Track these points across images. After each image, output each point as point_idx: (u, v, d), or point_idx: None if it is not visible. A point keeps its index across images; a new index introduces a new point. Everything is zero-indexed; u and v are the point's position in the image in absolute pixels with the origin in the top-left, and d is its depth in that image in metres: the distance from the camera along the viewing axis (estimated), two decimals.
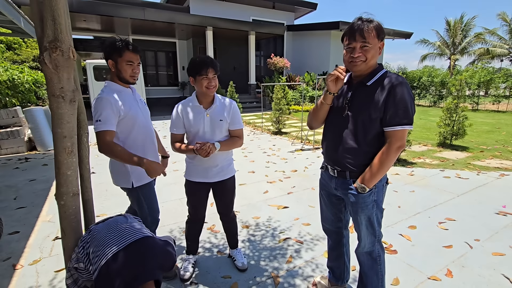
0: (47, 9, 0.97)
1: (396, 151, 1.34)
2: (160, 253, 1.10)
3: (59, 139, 1.09)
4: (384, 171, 1.39)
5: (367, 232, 1.52)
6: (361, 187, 1.40)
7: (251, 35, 13.02)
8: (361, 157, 1.42)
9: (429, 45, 25.63)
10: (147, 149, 1.83)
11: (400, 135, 1.33)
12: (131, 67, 1.64)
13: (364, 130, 1.39)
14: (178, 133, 1.85)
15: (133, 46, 1.64)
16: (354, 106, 1.42)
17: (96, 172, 4.39)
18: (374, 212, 1.48)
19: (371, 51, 1.32)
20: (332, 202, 1.68)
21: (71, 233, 1.19)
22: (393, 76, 1.36)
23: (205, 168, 1.88)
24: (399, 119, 1.31)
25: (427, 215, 2.99)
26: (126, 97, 1.72)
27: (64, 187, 1.13)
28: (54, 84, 1.04)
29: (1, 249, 2.38)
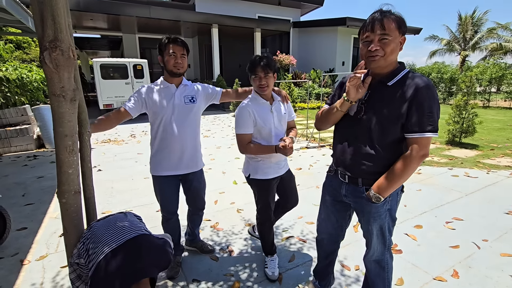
0: (47, 9, 0.98)
1: (419, 160, 1.21)
2: (156, 251, 1.10)
3: (60, 138, 1.10)
4: (403, 181, 1.26)
5: (378, 241, 1.44)
6: (376, 196, 1.28)
7: (257, 32, 12.96)
8: (376, 163, 1.30)
9: (438, 41, 25.12)
10: (167, 151, 1.86)
11: (425, 143, 1.20)
12: (173, 58, 1.73)
13: (383, 134, 1.26)
14: (249, 133, 1.81)
15: (175, 39, 1.74)
16: (372, 107, 1.29)
17: (102, 169, 4.45)
18: (387, 222, 1.39)
19: (391, 44, 1.18)
20: (336, 209, 1.57)
21: (72, 230, 1.20)
22: (418, 77, 1.22)
23: (277, 163, 1.91)
24: (425, 125, 1.19)
25: (434, 215, 2.94)
26: (162, 93, 1.81)
27: (66, 185, 1.14)
28: (54, 83, 1.04)
29: (9, 244, 2.43)
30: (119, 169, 4.44)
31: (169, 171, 1.90)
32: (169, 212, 2.01)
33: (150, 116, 1.86)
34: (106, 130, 1.72)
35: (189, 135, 1.89)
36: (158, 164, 1.89)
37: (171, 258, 1.16)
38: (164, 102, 1.80)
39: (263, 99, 1.83)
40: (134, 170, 4.41)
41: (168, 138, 1.84)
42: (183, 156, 1.89)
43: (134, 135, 7.08)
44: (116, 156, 5.23)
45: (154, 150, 1.91)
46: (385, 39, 1.18)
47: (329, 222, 1.63)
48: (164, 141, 1.85)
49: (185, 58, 1.79)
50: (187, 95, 1.88)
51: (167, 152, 1.86)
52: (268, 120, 1.81)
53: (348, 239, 2.46)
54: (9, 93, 5.91)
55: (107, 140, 6.50)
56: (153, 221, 2.83)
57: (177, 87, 1.86)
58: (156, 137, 1.88)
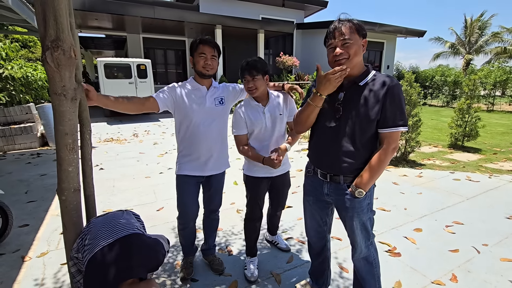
0: (49, 9, 1.00)
1: (392, 152, 1.34)
2: (146, 251, 1.09)
3: (60, 136, 1.11)
4: (381, 173, 1.37)
5: (362, 236, 1.49)
6: (359, 191, 1.36)
7: (260, 33, 12.98)
8: (357, 160, 1.39)
9: (443, 43, 24.99)
10: (193, 152, 1.82)
11: (396, 137, 1.33)
12: (203, 59, 1.69)
13: (361, 132, 1.35)
14: (242, 134, 1.86)
15: (206, 40, 1.70)
16: (349, 107, 1.36)
17: (104, 168, 4.48)
18: (368, 216, 1.47)
19: (353, 47, 1.29)
20: (319, 207, 1.63)
21: (72, 227, 1.22)
22: (387, 77, 1.33)
23: None
24: (397, 120, 1.30)
25: (434, 218, 2.92)
26: (192, 95, 1.78)
27: (66, 183, 1.16)
28: (56, 82, 1.06)
29: (11, 241, 2.46)
30: (121, 168, 4.48)
31: (193, 172, 1.86)
32: (188, 219, 1.94)
33: (178, 116, 1.81)
34: (125, 111, 1.54)
35: (217, 137, 1.86)
36: (184, 165, 1.86)
37: (161, 259, 1.14)
38: (195, 105, 1.76)
39: (255, 101, 1.85)
40: (135, 169, 4.44)
41: (196, 140, 1.80)
42: (210, 158, 1.86)
43: (136, 134, 7.13)
44: (118, 155, 5.26)
45: (181, 151, 1.87)
46: (347, 43, 1.29)
47: (314, 220, 1.69)
48: (192, 143, 1.81)
49: (216, 59, 1.74)
50: (217, 97, 1.84)
51: (195, 154, 1.83)
52: (258, 122, 1.82)
53: (347, 241, 2.46)
54: (14, 92, 5.97)
55: (109, 139, 6.55)
56: (154, 220, 2.85)
57: (207, 89, 1.82)
58: (183, 138, 1.84)
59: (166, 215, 2.97)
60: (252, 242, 2.09)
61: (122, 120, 9.04)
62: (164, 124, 8.49)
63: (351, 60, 1.31)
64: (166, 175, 4.17)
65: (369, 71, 1.38)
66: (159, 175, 4.18)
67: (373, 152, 1.38)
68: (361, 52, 1.34)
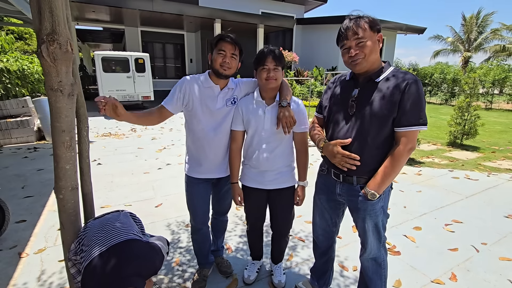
0: (45, 1, 0.95)
1: (408, 153, 1.26)
2: (140, 259, 1.05)
3: (57, 133, 1.08)
4: (396, 175, 1.32)
5: (374, 238, 1.46)
6: (372, 193, 1.31)
7: (260, 28, 12.86)
8: (370, 160, 1.32)
9: (442, 41, 24.91)
10: (201, 153, 1.72)
11: (413, 136, 1.25)
12: (221, 57, 1.55)
13: (375, 130, 1.29)
14: (237, 130, 1.69)
15: (227, 36, 1.56)
16: (363, 103, 1.31)
17: (102, 163, 4.44)
18: (381, 218, 1.42)
19: (368, 45, 1.25)
20: (330, 207, 1.59)
21: (70, 226, 1.19)
22: (405, 73, 1.27)
23: (259, 172, 1.69)
24: (415, 119, 1.23)
25: (433, 217, 2.93)
26: (204, 94, 1.63)
27: (63, 181, 1.13)
28: (52, 77, 1.02)
29: (8, 237, 2.43)
30: (119, 163, 4.44)
31: (204, 174, 1.75)
32: (199, 221, 1.85)
33: (186, 114, 1.70)
34: (148, 125, 1.52)
35: (227, 138, 1.73)
36: (192, 166, 1.76)
37: (157, 265, 1.10)
38: (203, 106, 1.63)
39: (260, 97, 1.63)
40: (134, 164, 4.40)
41: (205, 141, 1.69)
42: (220, 159, 1.75)
43: (135, 129, 7.07)
44: (117, 150, 5.22)
45: (190, 151, 1.78)
46: (361, 42, 1.25)
47: (324, 220, 1.65)
48: (201, 144, 1.70)
49: (236, 59, 1.59)
50: (229, 98, 1.69)
51: (204, 155, 1.72)
52: (255, 121, 1.63)
53: (347, 240, 2.46)
54: (10, 85, 5.88)
55: (107, 134, 6.49)
56: (152, 217, 2.83)
57: (221, 90, 1.66)
58: (192, 138, 1.73)
59: (165, 211, 2.95)
60: (256, 249, 2.02)
61: None
62: None
63: (367, 59, 1.27)
64: (165, 171, 4.14)
65: (387, 67, 1.32)
66: (157, 170, 4.15)
67: (387, 153, 1.31)
68: (377, 49, 1.29)
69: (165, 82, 14.31)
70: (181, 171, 4.06)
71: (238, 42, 1.59)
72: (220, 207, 1.98)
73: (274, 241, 1.94)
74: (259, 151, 1.64)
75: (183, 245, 2.39)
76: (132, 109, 6.86)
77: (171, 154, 4.99)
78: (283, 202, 1.76)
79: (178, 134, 6.55)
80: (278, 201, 1.76)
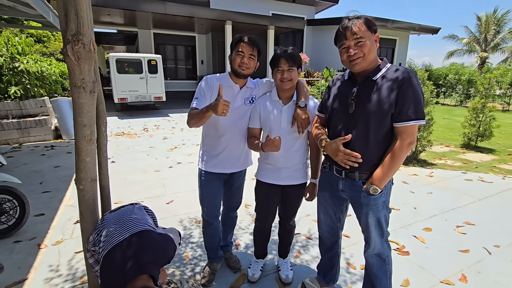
0: (71, 4, 1.03)
1: (407, 147, 1.30)
2: (157, 248, 1.11)
3: (79, 128, 1.15)
4: (396, 170, 1.35)
5: (377, 233, 1.49)
6: (373, 188, 1.35)
7: (270, 30, 12.90)
8: (372, 156, 1.36)
9: (457, 41, 24.32)
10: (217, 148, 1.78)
11: (412, 131, 1.29)
12: (240, 57, 1.61)
13: (375, 127, 1.33)
14: (255, 127, 1.75)
15: (247, 38, 1.62)
16: (362, 102, 1.35)
17: (115, 161, 4.57)
18: (383, 213, 1.45)
19: (367, 45, 1.29)
20: (334, 203, 1.62)
21: (89, 216, 1.26)
22: (402, 69, 1.30)
23: (275, 168, 1.75)
24: (412, 113, 1.26)
25: (444, 218, 2.89)
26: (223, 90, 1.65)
27: (83, 173, 1.20)
28: (76, 75, 1.10)
29: (27, 229, 2.56)
30: (132, 162, 4.56)
31: (217, 169, 1.82)
32: (211, 215, 1.91)
33: None
34: (199, 126, 1.64)
35: (242, 135, 1.80)
36: (207, 161, 1.82)
37: (171, 255, 1.16)
38: None
39: (277, 96, 1.69)
40: (145, 163, 4.52)
41: (222, 138, 1.76)
42: (234, 156, 1.82)
43: (146, 129, 7.22)
44: (129, 148, 5.36)
45: (205, 146, 1.85)
46: (360, 41, 1.28)
47: (328, 216, 1.68)
48: (217, 140, 1.77)
49: (254, 59, 1.65)
50: (247, 97, 1.76)
51: (219, 150, 1.78)
52: (271, 120, 1.68)
53: (355, 239, 2.46)
54: (29, 85, 6.12)
55: (120, 133, 6.66)
56: (163, 213, 2.90)
57: (240, 89, 1.73)
58: (208, 134, 1.81)
59: (176, 208, 3.02)
60: (260, 247, 2.04)
61: (132, 114, 9.17)
62: (174, 119, 8.57)
63: (366, 58, 1.31)
64: (175, 169, 4.23)
65: (383, 64, 1.36)
66: (168, 169, 4.25)
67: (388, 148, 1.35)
68: (375, 48, 1.33)
69: (177, 83, 14.55)
70: (191, 170, 4.14)
71: (257, 43, 1.65)
72: (230, 203, 2.04)
73: (281, 227, 1.99)
74: (277, 154, 1.69)
75: (194, 240, 2.45)
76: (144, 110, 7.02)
77: (181, 153, 5.08)
78: (294, 195, 1.84)
79: (188, 134, 6.65)
80: (290, 195, 1.84)
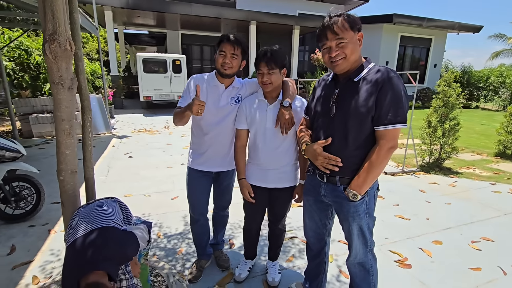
0: (48, 5, 1.09)
1: (387, 152, 1.23)
2: (115, 245, 1.12)
3: (58, 122, 1.23)
4: (377, 175, 1.28)
5: (359, 241, 1.42)
6: (353, 194, 1.29)
7: (296, 29, 12.77)
8: (351, 161, 1.30)
9: (505, 40, 22.23)
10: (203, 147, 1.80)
11: (392, 135, 1.22)
12: (222, 57, 1.61)
13: (355, 130, 1.27)
14: (241, 128, 1.73)
15: (227, 37, 1.60)
16: (342, 105, 1.30)
17: (133, 156, 4.80)
18: (366, 221, 1.38)
19: (349, 45, 1.22)
20: (318, 208, 1.56)
21: (69, 205, 1.34)
22: (384, 69, 1.23)
23: (264, 170, 1.72)
24: (392, 117, 1.20)
25: (459, 232, 2.66)
26: (208, 92, 1.72)
27: (63, 165, 1.28)
28: (53, 72, 1.17)
29: (42, 215, 2.77)
30: (147, 157, 4.76)
31: (203, 167, 1.84)
32: (196, 212, 1.92)
33: None
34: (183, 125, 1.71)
35: (228, 134, 1.80)
36: (194, 158, 1.86)
37: (129, 252, 1.17)
38: (209, 103, 1.68)
39: (263, 96, 1.66)
40: (160, 159, 4.69)
41: (207, 136, 1.78)
42: (220, 155, 1.83)
43: (168, 126, 7.50)
44: (148, 145, 5.59)
45: (192, 144, 1.89)
46: (342, 42, 1.22)
47: (313, 221, 1.62)
48: (202, 139, 1.80)
49: (236, 58, 1.62)
50: (233, 97, 1.75)
51: (204, 150, 1.81)
52: (257, 119, 1.65)
53: None
54: None
55: (142, 130, 6.98)
56: (167, 208, 2.99)
57: (225, 88, 1.73)
58: (195, 131, 1.84)
59: (179, 203, 3.10)
60: (248, 247, 2.02)
61: (156, 112, 9.57)
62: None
63: (348, 59, 1.25)
64: (186, 166, 4.33)
65: (366, 64, 1.29)
66: (180, 166, 4.37)
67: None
68: (358, 48, 1.27)
69: None
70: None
71: (240, 41, 1.62)
72: (220, 202, 2.04)
73: (271, 229, 1.96)
74: (262, 149, 1.67)
75: (191, 237, 2.49)
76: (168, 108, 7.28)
77: None
78: (282, 198, 1.80)
79: None
80: (278, 198, 1.79)
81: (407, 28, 13.19)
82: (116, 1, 9.23)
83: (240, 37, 1.63)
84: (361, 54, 1.34)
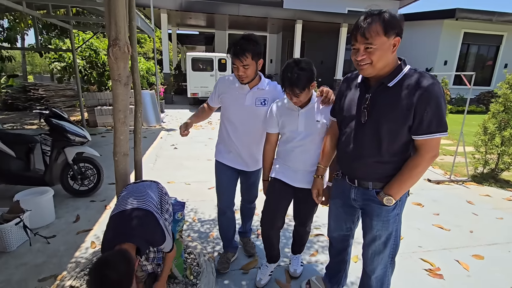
0: (112, 16, 1.34)
1: (429, 161, 1.20)
2: (150, 229, 1.29)
3: (115, 112, 1.48)
4: (414, 183, 1.25)
5: (383, 248, 1.39)
6: (388, 198, 1.25)
7: (343, 28, 12.36)
8: (385, 168, 1.27)
9: None
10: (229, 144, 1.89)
11: (435, 144, 1.18)
12: (235, 70, 1.68)
13: (390, 139, 1.22)
14: (272, 132, 1.75)
15: (234, 51, 1.60)
16: (375, 111, 1.23)
17: (177, 148, 5.23)
18: (395, 226, 1.36)
19: (377, 52, 1.14)
20: (345, 212, 1.54)
21: (121, 182, 1.61)
22: (422, 75, 1.16)
23: (293, 171, 1.72)
24: (434, 126, 1.14)
25: (508, 249, 2.42)
26: (234, 92, 1.80)
27: (118, 147, 1.54)
28: (114, 71, 1.42)
29: (101, 193, 3.22)
30: (191, 150, 5.14)
31: (229, 162, 1.92)
32: (223, 204, 1.99)
33: (222, 106, 1.91)
34: (206, 119, 2.04)
35: (253, 136, 1.84)
36: (219, 153, 1.96)
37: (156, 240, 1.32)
38: (234, 103, 1.79)
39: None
40: (202, 152, 5.03)
41: (230, 135, 1.85)
42: (243, 155, 1.88)
43: (211, 122, 7.93)
44: (192, 138, 6.01)
45: (220, 138, 1.98)
46: (370, 48, 1.14)
47: (338, 223, 1.62)
48: (227, 136, 1.88)
49: (249, 67, 1.64)
50: (259, 97, 1.78)
51: (228, 147, 1.90)
52: (289, 124, 1.66)
53: None
54: None
55: None
56: (203, 196, 3.25)
57: (250, 89, 1.78)
58: (221, 129, 1.95)
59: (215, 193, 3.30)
60: (268, 249, 1.93)
61: None
62: None
63: (374, 65, 1.17)
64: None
65: (401, 68, 1.20)
66: None
67: (407, 158, 1.25)
68: (388, 55, 1.16)
69: None
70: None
71: (245, 49, 1.58)
72: (247, 196, 2.14)
73: (296, 230, 1.97)
74: (293, 152, 1.68)
75: None
76: None
77: None
78: (309, 200, 1.73)
79: None
80: (303, 199, 1.76)
81: (472, 24, 11.84)
82: (171, 4, 9.99)
83: (245, 43, 1.60)
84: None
